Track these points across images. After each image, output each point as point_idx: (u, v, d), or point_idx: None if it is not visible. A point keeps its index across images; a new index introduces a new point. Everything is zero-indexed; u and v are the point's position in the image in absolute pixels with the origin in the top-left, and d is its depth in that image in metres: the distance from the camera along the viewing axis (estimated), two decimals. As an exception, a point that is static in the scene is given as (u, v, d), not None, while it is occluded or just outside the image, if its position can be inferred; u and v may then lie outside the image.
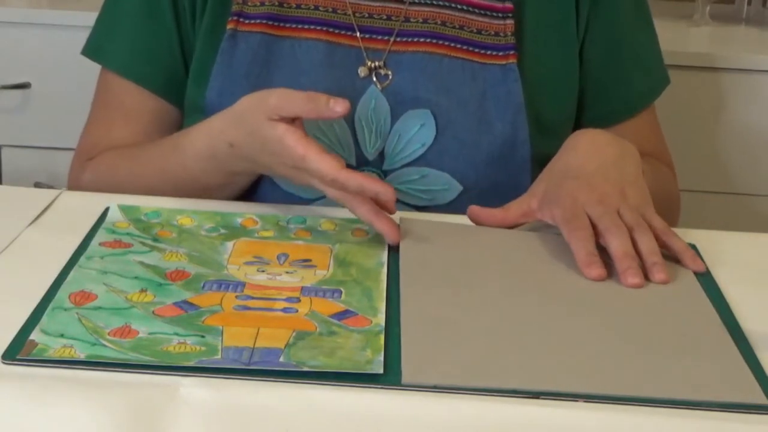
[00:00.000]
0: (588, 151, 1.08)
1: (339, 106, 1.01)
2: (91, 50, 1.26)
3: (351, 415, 0.76)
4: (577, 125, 1.26)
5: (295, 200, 1.15)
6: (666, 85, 1.32)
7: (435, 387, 0.79)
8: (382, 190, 0.99)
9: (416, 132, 1.16)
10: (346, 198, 1.01)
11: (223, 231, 1.04)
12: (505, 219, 1.06)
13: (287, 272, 0.96)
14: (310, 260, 0.98)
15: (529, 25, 1.20)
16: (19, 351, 0.80)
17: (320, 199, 1.15)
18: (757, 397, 0.80)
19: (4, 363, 0.79)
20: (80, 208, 1.07)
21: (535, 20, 1.20)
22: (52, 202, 1.09)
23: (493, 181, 1.17)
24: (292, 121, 1.02)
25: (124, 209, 1.06)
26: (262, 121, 1.03)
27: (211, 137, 1.10)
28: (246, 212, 1.07)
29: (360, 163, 1.16)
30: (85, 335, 0.83)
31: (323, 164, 0.99)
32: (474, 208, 1.07)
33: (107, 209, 1.06)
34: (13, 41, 1.83)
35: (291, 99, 1.02)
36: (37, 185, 1.80)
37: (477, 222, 1.07)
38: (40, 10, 1.85)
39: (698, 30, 2.00)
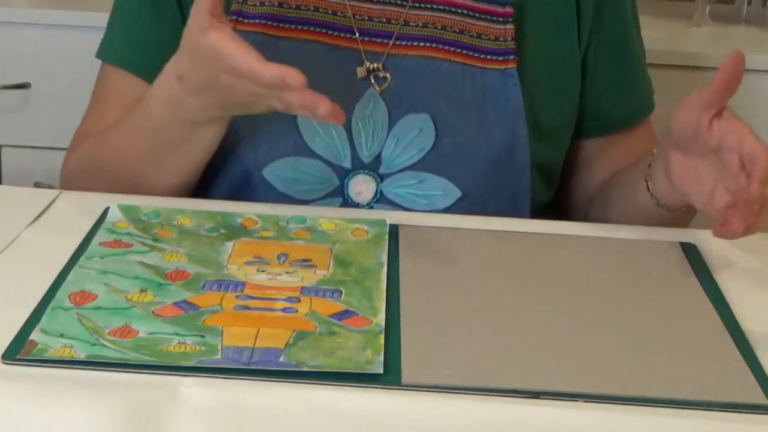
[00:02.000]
0: None
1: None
2: (101, 52, 1.25)
3: (351, 415, 0.76)
4: (578, 133, 1.26)
5: (290, 201, 1.15)
6: (653, 94, 1.33)
7: (435, 387, 0.79)
8: (293, 73, 0.96)
9: (415, 136, 1.16)
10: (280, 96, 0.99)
11: (223, 231, 1.04)
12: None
13: (287, 272, 0.96)
14: (310, 260, 0.98)
15: (529, 30, 1.20)
16: (19, 351, 0.80)
17: (318, 200, 1.15)
18: (757, 397, 0.80)
19: (4, 363, 0.79)
20: (80, 208, 1.07)
21: (535, 25, 1.20)
22: (52, 202, 1.09)
23: (491, 187, 1.17)
24: (222, 28, 1.00)
25: (124, 209, 1.06)
26: (194, 35, 1.01)
27: (164, 78, 1.09)
28: (246, 212, 1.07)
29: (355, 166, 1.16)
30: (85, 335, 0.83)
31: (243, 58, 0.97)
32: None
33: (107, 209, 1.06)
34: (13, 41, 1.84)
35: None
36: (37, 185, 1.80)
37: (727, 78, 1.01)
38: (41, 10, 1.85)
39: (698, 30, 2.00)
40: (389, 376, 0.80)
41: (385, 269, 0.97)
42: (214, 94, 1.05)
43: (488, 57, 1.17)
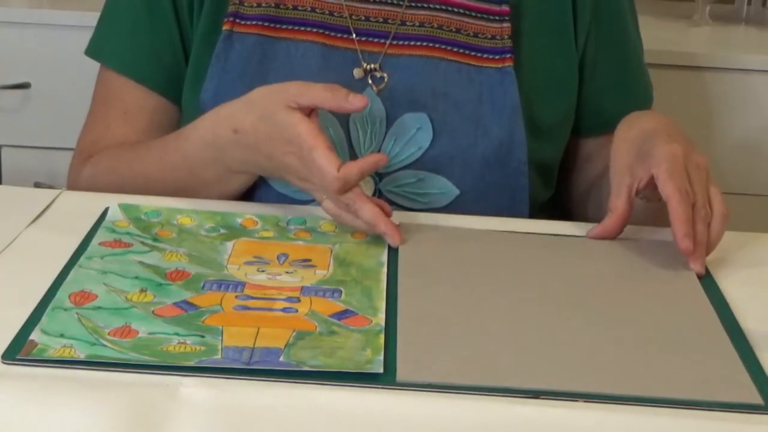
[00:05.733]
0: (650, 117, 1.11)
1: (358, 101, 1.03)
2: (93, 50, 1.26)
3: (351, 415, 0.76)
4: (577, 131, 1.26)
5: (288, 201, 1.15)
6: (651, 88, 1.33)
7: (430, 385, 0.79)
8: (379, 157, 1.03)
9: (413, 135, 1.16)
10: (348, 200, 1.01)
11: (223, 231, 1.04)
12: (622, 215, 1.05)
13: (287, 272, 0.96)
14: (310, 260, 0.98)
15: (525, 29, 1.20)
16: (19, 351, 0.80)
17: (314, 201, 1.15)
18: (753, 397, 0.80)
19: (4, 363, 0.79)
20: (80, 208, 1.07)
21: (531, 23, 1.20)
22: (52, 202, 1.09)
23: (489, 185, 1.17)
24: (309, 114, 1.03)
25: (124, 208, 1.06)
26: (278, 107, 1.03)
27: (216, 122, 1.10)
28: (246, 212, 1.07)
29: None
30: (85, 335, 0.83)
31: (327, 160, 1.00)
32: (592, 232, 1.06)
33: (107, 209, 1.06)
34: (13, 41, 1.83)
35: (312, 87, 1.04)
36: (37, 185, 1.80)
37: (603, 237, 1.06)
38: (40, 10, 1.85)
39: (698, 30, 2.00)
40: (389, 376, 0.80)
41: (385, 269, 0.97)
42: (267, 161, 1.07)
43: (485, 56, 1.17)
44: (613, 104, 1.26)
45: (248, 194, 1.16)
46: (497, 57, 1.17)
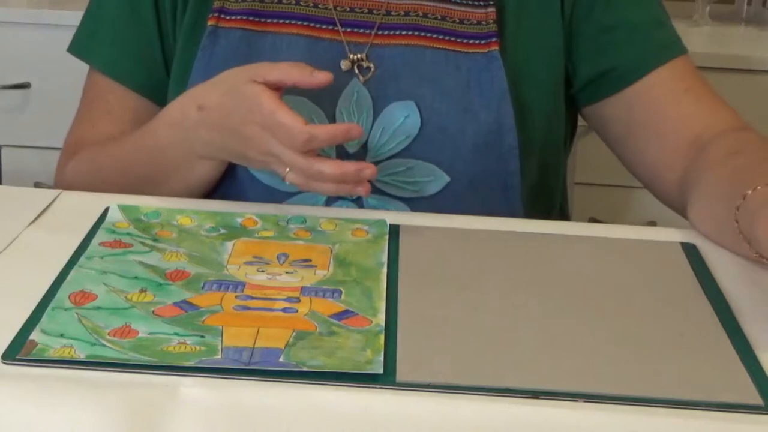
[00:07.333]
0: None
1: (321, 76, 1.04)
2: (76, 48, 1.27)
3: (351, 415, 0.76)
4: (593, 99, 1.23)
5: (274, 194, 1.15)
6: (669, 56, 1.28)
7: (429, 385, 0.79)
8: (352, 126, 1.05)
9: (401, 124, 1.16)
10: (308, 164, 1.02)
11: (223, 231, 1.04)
12: None
13: (287, 272, 0.96)
14: (310, 260, 0.98)
15: (510, 13, 1.19)
16: (19, 351, 0.80)
17: (303, 192, 1.14)
18: (753, 397, 0.80)
19: (4, 363, 0.79)
20: (80, 208, 1.07)
21: (516, 7, 1.20)
22: (52, 202, 1.09)
23: (479, 170, 1.17)
24: (275, 92, 1.04)
25: (124, 209, 1.06)
26: (242, 81, 1.05)
27: (183, 99, 1.12)
28: (246, 212, 1.07)
29: (341, 157, 1.15)
30: (85, 335, 0.83)
31: (291, 117, 1.01)
32: None
33: (107, 209, 1.06)
34: (13, 41, 1.84)
35: (277, 65, 1.06)
36: (37, 185, 1.80)
37: None
38: (40, 10, 1.86)
39: (698, 30, 2.00)
40: (389, 376, 0.80)
41: (385, 269, 0.97)
42: (229, 137, 1.08)
43: (471, 41, 1.17)
44: (613, 65, 1.21)
45: (233, 187, 1.16)
46: (483, 42, 1.17)
